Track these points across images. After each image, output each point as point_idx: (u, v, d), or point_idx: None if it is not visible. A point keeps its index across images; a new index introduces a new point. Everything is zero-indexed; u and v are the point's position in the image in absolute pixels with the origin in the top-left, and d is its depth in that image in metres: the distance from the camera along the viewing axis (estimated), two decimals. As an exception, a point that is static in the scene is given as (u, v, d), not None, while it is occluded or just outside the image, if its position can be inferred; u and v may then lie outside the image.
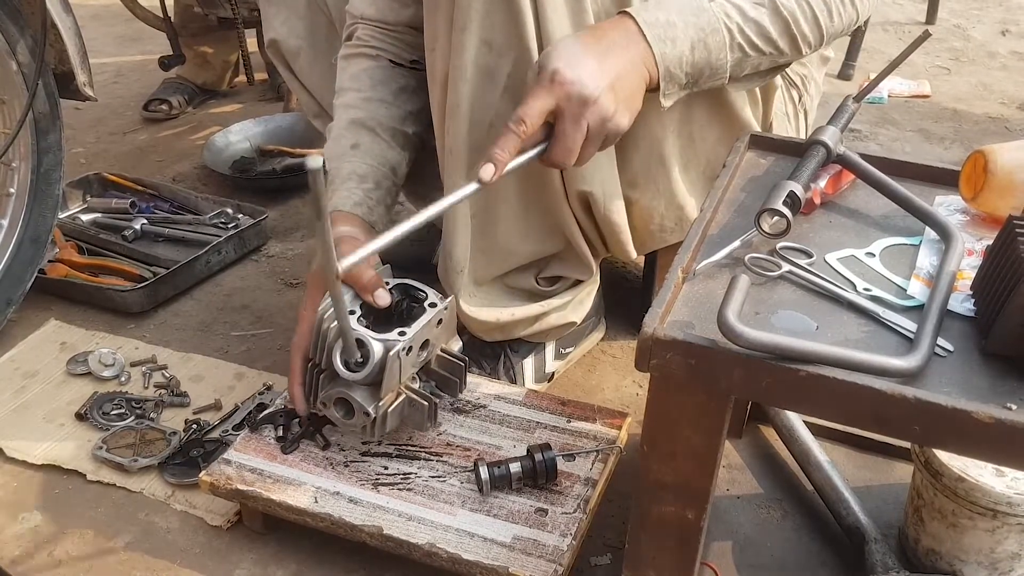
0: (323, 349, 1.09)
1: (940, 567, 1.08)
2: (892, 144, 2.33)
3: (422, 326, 1.09)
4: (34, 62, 1.43)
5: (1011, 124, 2.46)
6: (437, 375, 1.18)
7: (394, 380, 1.09)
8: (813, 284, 0.88)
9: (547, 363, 1.44)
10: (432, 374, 1.18)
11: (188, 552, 1.16)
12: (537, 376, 1.42)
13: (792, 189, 0.93)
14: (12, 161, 1.50)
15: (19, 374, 1.45)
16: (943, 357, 0.79)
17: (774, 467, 1.29)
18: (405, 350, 1.07)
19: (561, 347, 1.46)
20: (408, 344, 1.07)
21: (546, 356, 1.43)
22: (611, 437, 1.20)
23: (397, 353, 1.05)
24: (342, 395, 1.10)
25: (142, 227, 1.80)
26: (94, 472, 1.26)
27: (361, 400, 1.09)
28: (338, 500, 1.11)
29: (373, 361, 1.06)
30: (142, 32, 2.72)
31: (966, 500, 1.02)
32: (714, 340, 0.77)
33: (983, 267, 0.83)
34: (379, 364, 1.06)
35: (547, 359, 1.43)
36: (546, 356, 1.43)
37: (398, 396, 1.12)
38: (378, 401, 1.09)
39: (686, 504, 0.86)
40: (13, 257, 1.52)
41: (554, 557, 1.03)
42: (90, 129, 2.39)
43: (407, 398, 1.12)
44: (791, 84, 1.37)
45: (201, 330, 1.60)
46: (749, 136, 1.12)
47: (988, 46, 3.04)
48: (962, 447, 0.74)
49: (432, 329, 1.12)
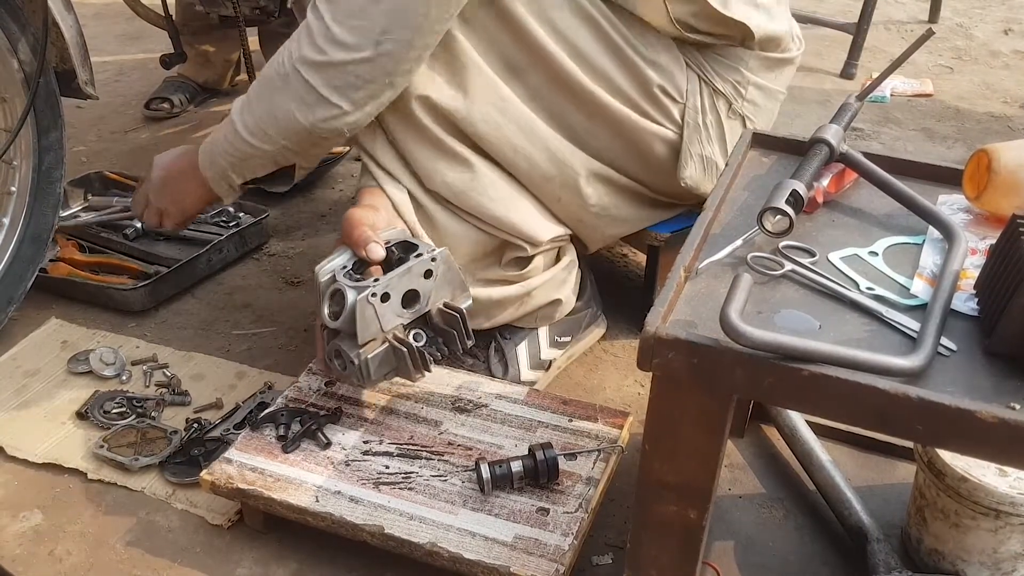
0: (319, 304, 1.15)
1: (943, 567, 1.07)
2: (895, 143, 2.33)
3: (400, 274, 1.13)
4: (35, 60, 1.43)
5: (1014, 123, 2.45)
6: (440, 330, 1.20)
7: (372, 326, 1.12)
8: (816, 283, 0.88)
9: (542, 350, 1.44)
10: (436, 329, 1.20)
11: (189, 551, 1.16)
12: (532, 363, 1.42)
13: (795, 188, 0.93)
14: (13, 159, 1.50)
15: (20, 372, 1.45)
16: (946, 356, 0.79)
17: (776, 467, 1.29)
18: (378, 295, 1.11)
19: (556, 335, 1.46)
20: (382, 290, 1.11)
21: (540, 342, 1.43)
22: (613, 436, 1.20)
23: (366, 298, 1.10)
24: (336, 347, 1.15)
25: (143, 225, 1.80)
26: (95, 471, 1.26)
27: (346, 349, 1.14)
28: (339, 499, 1.11)
29: (346, 307, 1.11)
30: (144, 30, 2.72)
31: (969, 500, 1.01)
32: (716, 339, 0.77)
33: (987, 266, 0.83)
34: (351, 310, 1.11)
35: (541, 345, 1.43)
36: (540, 342, 1.43)
37: (382, 345, 1.15)
38: (359, 348, 1.13)
39: (688, 504, 0.86)
40: (14, 255, 1.51)
41: (556, 556, 1.03)
42: (91, 127, 2.38)
43: (389, 345, 1.15)
44: (716, 92, 1.36)
45: (202, 329, 1.60)
46: (751, 135, 1.12)
47: (991, 45, 3.03)
48: (965, 447, 0.74)
49: (418, 279, 1.15)
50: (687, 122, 1.35)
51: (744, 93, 1.38)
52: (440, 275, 1.17)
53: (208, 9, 2.25)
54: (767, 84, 1.41)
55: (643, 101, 1.31)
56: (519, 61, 1.25)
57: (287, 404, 1.25)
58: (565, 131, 1.31)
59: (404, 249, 1.18)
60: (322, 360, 1.25)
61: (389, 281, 1.12)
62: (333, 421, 1.23)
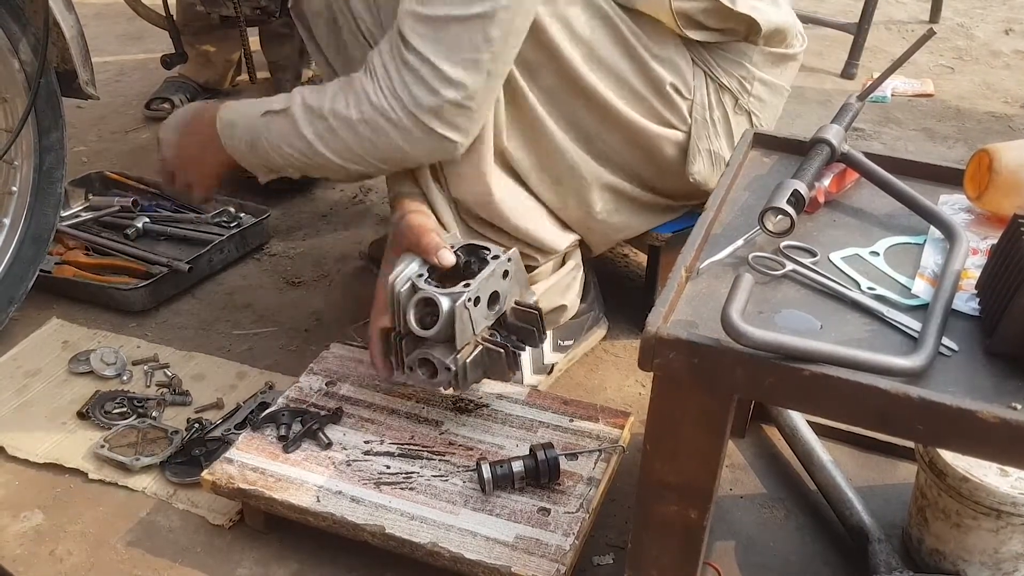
0: (399, 313, 1.14)
1: (944, 567, 1.07)
2: (895, 143, 2.33)
3: (485, 277, 1.14)
4: (36, 60, 1.43)
5: (1014, 123, 2.45)
6: (515, 327, 1.21)
7: (467, 331, 1.13)
8: (817, 283, 0.88)
9: (545, 354, 1.44)
10: (510, 327, 1.21)
11: (190, 551, 1.16)
12: (536, 367, 1.42)
13: (796, 188, 0.93)
14: (14, 159, 1.50)
15: (21, 373, 1.45)
16: (948, 356, 0.79)
17: (777, 467, 1.29)
18: (472, 300, 1.11)
19: (559, 339, 1.46)
20: (474, 295, 1.12)
21: (543, 347, 1.43)
22: (614, 437, 1.20)
23: (463, 303, 1.10)
24: (424, 355, 1.14)
25: (144, 226, 1.80)
26: (96, 471, 1.26)
27: (440, 356, 1.13)
28: (340, 499, 1.10)
29: (443, 315, 1.10)
30: (144, 30, 2.72)
31: (970, 500, 1.01)
32: (718, 339, 0.77)
33: (988, 266, 0.83)
34: (448, 317, 1.11)
35: (544, 350, 1.43)
36: (543, 347, 1.43)
37: (476, 348, 1.15)
38: (456, 354, 1.13)
39: (689, 504, 0.86)
40: (15, 256, 1.51)
41: (557, 557, 1.03)
42: (92, 128, 2.38)
43: (484, 348, 1.16)
44: (722, 88, 1.36)
45: (203, 329, 1.60)
46: (752, 135, 1.12)
47: (991, 45, 3.03)
48: (966, 447, 0.74)
49: (499, 281, 1.16)
50: (695, 118, 1.35)
51: (750, 89, 1.38)
52: (513, 274, 1.19)
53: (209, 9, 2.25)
54: (772, 80, 1.41)
55: (655, 101, 1.32)
56: (534, 60, 1.24)
57: (288, 404, 1.25)
58: (577, 135, 1.31)
59: (468, 252, 1.19)
60: (385, 368, 1.24)
61: (479, 285, 1.13)
62: (334, 421, 1.22)
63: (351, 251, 1.84)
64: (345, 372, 1.32)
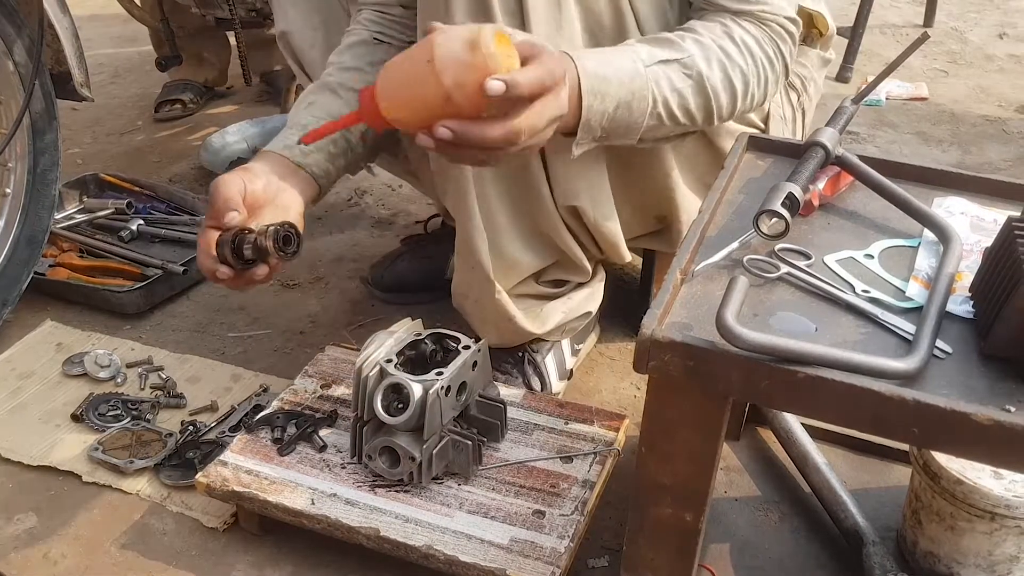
0: (364, 398, 1.10)
1: (938, 570, 1.07)
2: (890, 146, 2.34)
3: (458, 367, 1.11)
4: (31, 62, 1.43)
5: (1008, 126, 2.46)
6: (478, 421, 1.18)
7: (436, 421, 1.08)
8: (812, 286, 0.88)
9: (566, 359, 1.44)
10: (473, 421, 1.18)
11: (184, 554, 1.16)
12: (560, 373, 1.43)
13: (791, 191, 0.93)
14: (8, 161, 1.50)
15: (15, 375, 1.45)
16: (942, 359, 0.79)
17: (772, 469, 1.29)
18: (443, 389, 1.08)
19: (575, 343, 1.46)
20: (446, 384, 1.08)
21: (564, 352, 1.44)
22: (609, 439, 1.20)
23: (436, 392, 1.06)
24: (387, 443, 1.10)
25: (138, 228, 1.80)
26: (90, 473, 1.26)
27: (405, 445, 1.09)
28: (335, 502, 1.10)
29: (413, 403, 1.06)
30: (139, 32, 2.71)
31: (964, 502, 1.02)
32: (712, 342, 0.77)
33: (982, 269, 0.83)
34: (420, 406, 1.07)
35: (565, 355, 1.44)
36: (564, 352, 1.44)
37: (442, 440, 1.11)
38: (422, 445, 1.09)
39: (684, 506, 0.86)
40: (9, 258, 1.51)
41: (552, 559, 1.03)
42: (87, 129, 2.38)
43: (450, 439, 1.12)
44: (790, 86, 1.38)
45: (197, 331, 1.59)
46: (747, 138, 1.12)
47: (986, 49, 3.04)
48: (960, 449, 0.74)
49: (468, 371, 1.13)
50: (771, 113, 1.35)
51: (808, 89, 1.40)
52: (480, 365, 1.16)
53: (204, 11, 2.26)
54: (819, 80, 1.43)
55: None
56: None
57: (283, 407, 1.25)
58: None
59: (435, 340, 1.16)
60: (215, 267, 1.06)
61: (451, 374, 1.09)
62: (329, 424, 1.22)
63: (346, 253, 1.84)
64: (340, 375, 1.32)
